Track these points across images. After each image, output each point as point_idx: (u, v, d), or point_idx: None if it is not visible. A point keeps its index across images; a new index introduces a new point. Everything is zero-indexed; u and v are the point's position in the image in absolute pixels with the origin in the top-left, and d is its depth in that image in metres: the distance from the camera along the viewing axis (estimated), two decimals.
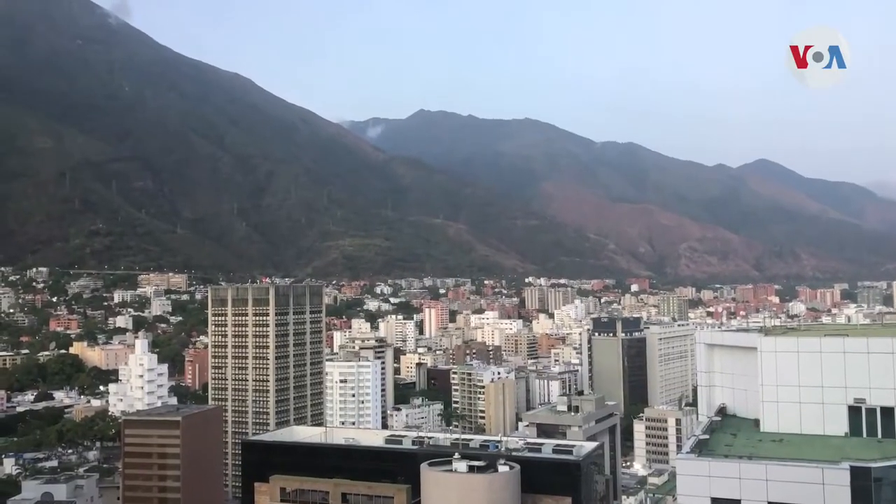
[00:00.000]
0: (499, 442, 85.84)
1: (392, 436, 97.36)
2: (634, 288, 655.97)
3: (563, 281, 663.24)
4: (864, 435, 48.22)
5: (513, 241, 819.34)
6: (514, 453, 79.59)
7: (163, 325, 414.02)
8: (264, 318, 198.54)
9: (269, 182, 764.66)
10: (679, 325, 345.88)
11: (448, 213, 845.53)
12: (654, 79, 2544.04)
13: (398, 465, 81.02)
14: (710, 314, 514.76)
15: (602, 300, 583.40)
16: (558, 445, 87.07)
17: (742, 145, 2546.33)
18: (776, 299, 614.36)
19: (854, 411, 48.78)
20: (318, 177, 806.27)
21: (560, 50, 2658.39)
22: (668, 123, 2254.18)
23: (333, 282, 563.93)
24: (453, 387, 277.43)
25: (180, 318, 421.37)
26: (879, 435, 47.99)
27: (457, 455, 75.44)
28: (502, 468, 74.15)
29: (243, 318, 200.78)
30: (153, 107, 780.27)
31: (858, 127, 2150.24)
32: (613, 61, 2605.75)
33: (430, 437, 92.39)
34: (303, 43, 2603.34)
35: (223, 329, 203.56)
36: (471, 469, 73.36)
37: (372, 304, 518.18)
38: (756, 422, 51.70)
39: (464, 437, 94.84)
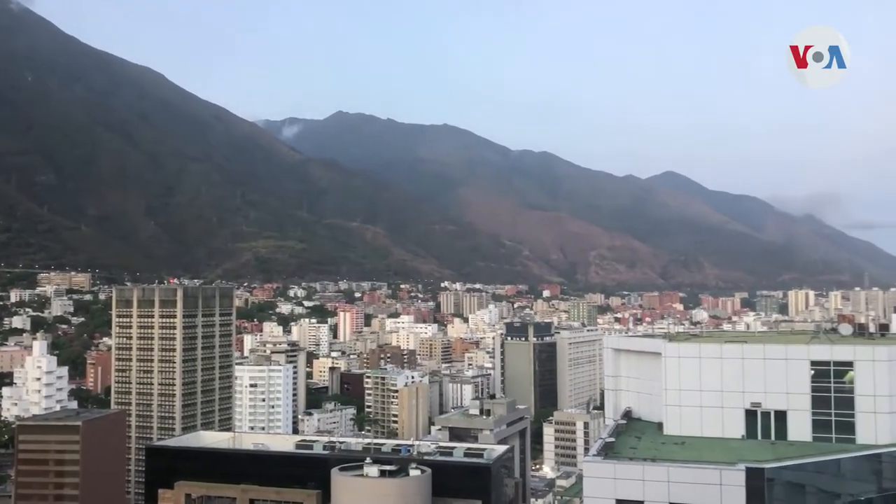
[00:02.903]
0: (411, 446, 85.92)
1: (303, 441, 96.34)
2: (546, 294, 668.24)
3: (478, 286, 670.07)
4: (760, 437, 50.48)
5: (430, 246, 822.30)
6: (425, 457, 79.81)
7: (64, 327, 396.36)
8: (171, 320, 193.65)
9: (180, 180, 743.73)
10: (588, 331, 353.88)
11: (366, 217, 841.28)
12: (569, 90, 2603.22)
13: (308, 470, 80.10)
14: (617, 320, 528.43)
15: (515, 305, 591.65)
16: (470, 449, 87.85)
17: (651, 157, 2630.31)
18: (680, 306, 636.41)
19: (750, 415, 51.00)
20: (231, 176, 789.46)
21: (478, 58, 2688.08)
22: (582, 134, 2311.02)
23: (245, 284, 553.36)
24: (366, 391, 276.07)
25: (83, 320, 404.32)
26: (773, 437, 50.33)
27: (368, 460, 75.18)
28: (414, 472, 74.28)
29: (149, 319, 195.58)
30: (58, 99, 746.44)
31: (761, 142, 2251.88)
32: (529, 71, 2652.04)
33: (341, 442, 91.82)
34: (218, 38, 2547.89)
35: (128, 331, 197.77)
36: (382, 474, 73.22)
37: (285, 308, 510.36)
38: (660, 425, 53.39)
39: (376, 441, 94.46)
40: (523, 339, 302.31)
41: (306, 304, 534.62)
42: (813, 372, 50.16)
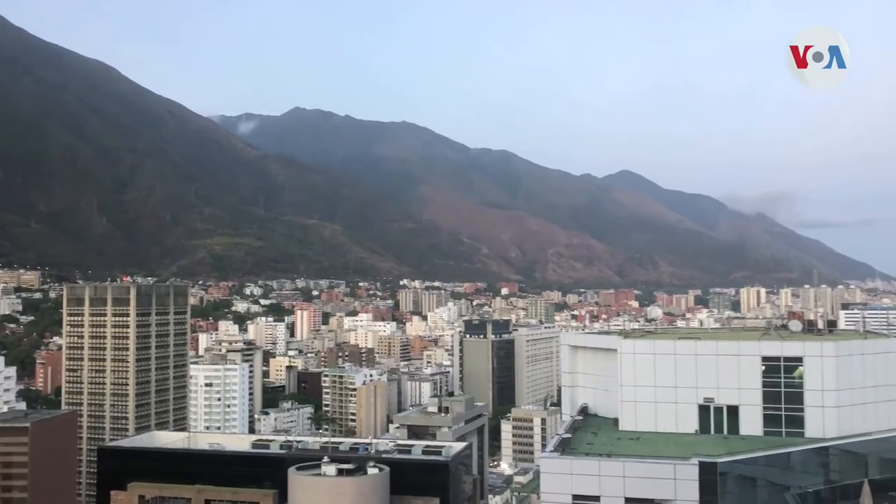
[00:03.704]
0: (369, 444, 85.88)
1: (259, 440, 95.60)
2: (505, 291, 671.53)
3: (437, 284, 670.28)
4: (713, 432, 51.47)
5: (389, 244, 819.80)
6: (383, 455, 79.79)
7: (11, 326, 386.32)
8: (124, 318, 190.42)
9: (133, 176, 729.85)
10: (545, 328, 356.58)
11: (323, 214, 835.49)
12: (527, 88, 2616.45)
13: (265, 470, 79.60)
14: (574, 317, 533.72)
15: (474, 303, 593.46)
16: (428, 447, 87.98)
17: (607, 156, 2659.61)
18: (636, 304, 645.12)
19: (703, 410, 51.97)
20: (186, 172, 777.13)
21: (436, 55, 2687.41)
22: (540, 133, 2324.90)
23: (200, 282, 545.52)
24: (324, 390, 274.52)
25: (32, 318, 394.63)
26: (725, 432, 51.33)
27: (326, 459, 74.83)
28: (372, 470, 74.15)
29: (102, 318, 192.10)
30: (5, 92, 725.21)
31: (715, 143, 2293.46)
32: (488, 69, 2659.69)
33: (298, 442, 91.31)
34: (173, 32, 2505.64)
35: (79, 330, 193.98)
36: (339, 472, 72.94)
37: (241, 306, 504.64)
38: (616, 420, 54.08)
39: (333, 440, 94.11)
40: (482, 336, 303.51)
41: (263, 302, 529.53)
42: (764, 367, 51.30)
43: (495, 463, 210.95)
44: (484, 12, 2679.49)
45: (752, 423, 51.16)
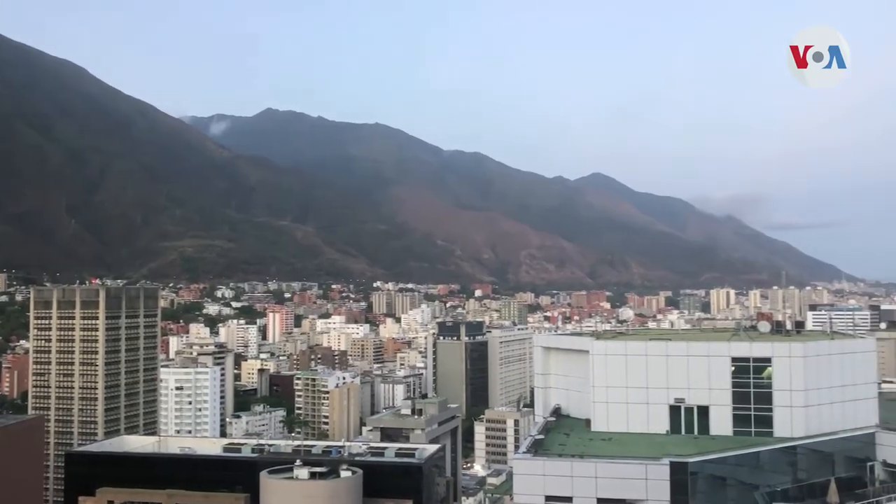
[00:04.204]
0: (341, 447, 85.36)
1: (231, 444, 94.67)
2: (478, 293, 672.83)
3: (410, 285, 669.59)
4: (683, 432, 51.97)
5: (362, 246, 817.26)
6: (356, 458, 79.41)
7: None
8: (93, 321, 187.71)
9: (103, 177, 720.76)
10: (519, 329, 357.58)
11: (296, 216, 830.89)
12: (499, 91, 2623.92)
13: (237, 473, 78.85)
14: (547, 319, 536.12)
15: (448, 305, 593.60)
16: (401, 449, 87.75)
17: (579, 159, 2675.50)
18: (607, 305, 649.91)
19: (674, 410, 52.47)
20: (157, 173, 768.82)
21: (409, 57, 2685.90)
22: (513, 136, 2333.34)
23: (171, 284, 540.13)
24: (297, 393, 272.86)
25: None
26: (696, 432, 51.87)
27: (298, 462, 74.42)
28: (344, 473, 73.84)
29: (70, 321, 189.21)
30: None
31: (683, 144, 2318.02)
32: (460, 72, 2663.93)
33: (270, 445, 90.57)
34: (143, 32, 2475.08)
35: (47, 333, 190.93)
36: (312, 476, 72.54)
37: (212, 308, 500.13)
38: (588, 421, 54.41)
39: (306, 443, 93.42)
40: (455, 338, 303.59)
41: (234, 304, 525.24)
42: (733, 368, 51.92)
43: (469, 464, 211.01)
44: (458, 15, 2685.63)
45: (722, 423, 51.77)
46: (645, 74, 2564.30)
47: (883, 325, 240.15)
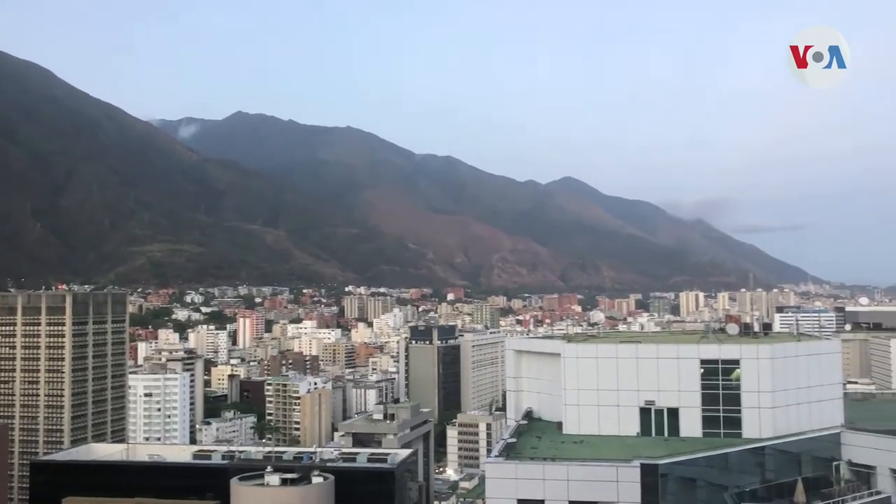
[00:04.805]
0: (313, 453, 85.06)
1: (201, 451, 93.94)
2: (451, 297, 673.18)
3: (382, 290, 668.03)
4: (654, 434, 52.42)
5: (333, 250, 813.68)
6: (328, 464, 79.16)
7: None
8: (60, 328, 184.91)
9: (69, 181, 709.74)
10: (491, 333, 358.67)
11: (266, 220, 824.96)
12: (472, 95, 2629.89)
13: (207, 480, 78.21)
14: (519, 322, 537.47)
15: (420, 309, 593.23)
16: (373, 454, 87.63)
17: (550, 163, 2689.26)
18: (579, 308, 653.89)
19: (645, 412, 52.91)
20: (125, 177, 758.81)
21: (381, 61, 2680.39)
22: (485, 139, 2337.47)
23: (139, 290, 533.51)
24: (267, 398, 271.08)
25: None
26: (666, 434, 52.35)
27: (269, 468, 73.95)
28: (316, 479, 73.52)
29: (35, 327, 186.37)
30: None
31: (654, 150, 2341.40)
32: (432, 75, 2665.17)
33: (241, 451, 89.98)
34: (110, 34, 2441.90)
35: (11, 340, 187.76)
36: (283, 482, 72.14)
37: (181, 314, 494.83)
38: (559, 424, 54.66)
39: (277, 449, 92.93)
40: (427, 342, 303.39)
41: (204, 310, 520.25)
42: (702, 370, 52.49)
43: (441, 469, 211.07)
44: (428, 18, 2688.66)
45: (691, 424, 52.30)
46: (615, 79, 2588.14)
47: (848, 327, 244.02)
